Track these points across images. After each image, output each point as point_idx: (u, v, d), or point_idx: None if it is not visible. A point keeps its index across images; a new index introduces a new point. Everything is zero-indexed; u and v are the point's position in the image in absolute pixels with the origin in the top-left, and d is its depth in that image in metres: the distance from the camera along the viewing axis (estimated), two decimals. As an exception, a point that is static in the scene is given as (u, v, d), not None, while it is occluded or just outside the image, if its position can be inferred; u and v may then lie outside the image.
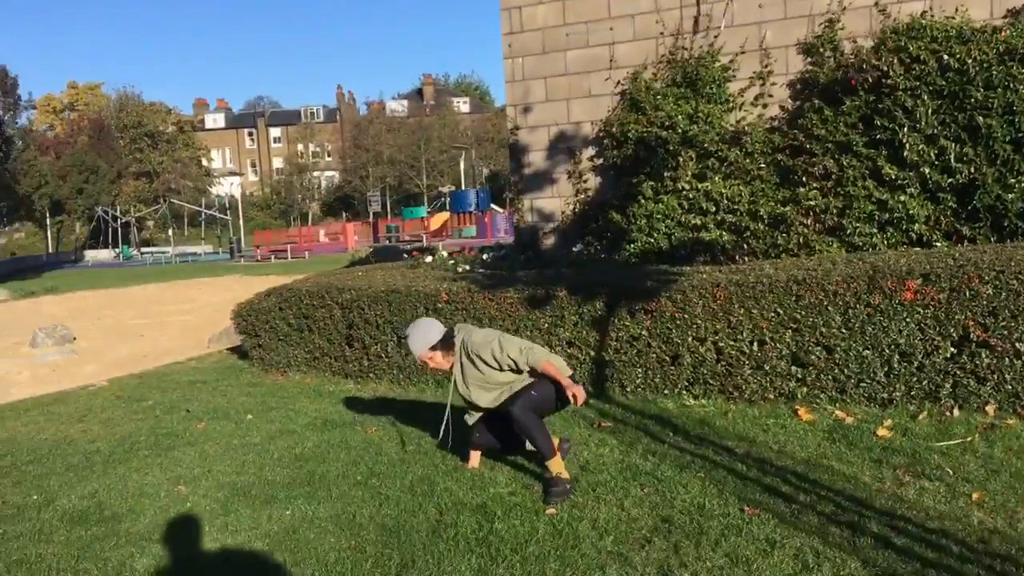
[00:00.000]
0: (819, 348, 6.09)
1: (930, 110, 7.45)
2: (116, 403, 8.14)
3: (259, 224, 72.28)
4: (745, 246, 8.27)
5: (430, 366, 5.30)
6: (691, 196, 8.55)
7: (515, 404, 4.91)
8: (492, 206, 54.49)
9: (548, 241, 9.94)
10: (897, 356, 5.86)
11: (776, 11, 8.67)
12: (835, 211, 7.86)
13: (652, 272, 7.25)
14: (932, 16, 7.91)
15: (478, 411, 5.30)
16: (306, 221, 77.42)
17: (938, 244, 7.31)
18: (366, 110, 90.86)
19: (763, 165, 8.35)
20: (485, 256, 9.85)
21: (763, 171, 8.34)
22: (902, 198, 7.47)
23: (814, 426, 5.68)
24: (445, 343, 5.16)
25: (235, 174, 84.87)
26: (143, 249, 62.12)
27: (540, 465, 4.95)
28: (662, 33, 9.16)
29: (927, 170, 7.43)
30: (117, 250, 62.92)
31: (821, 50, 8.38)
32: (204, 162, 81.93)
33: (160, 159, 75.87)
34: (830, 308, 6.00)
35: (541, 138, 9.95)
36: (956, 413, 5.62)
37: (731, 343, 6.35)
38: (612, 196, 9.33)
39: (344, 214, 76.74)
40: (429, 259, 9.64)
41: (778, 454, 5.17)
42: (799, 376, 6.19)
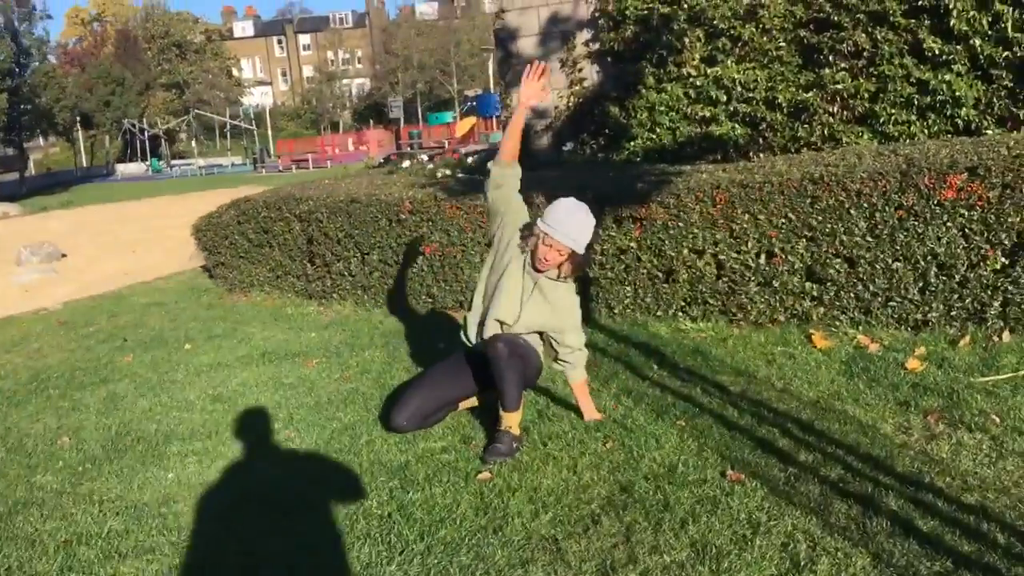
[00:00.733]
0: (839, 260, 5.03)
1: (984, -32, 6.15)
2: (56, 330, 7.35)
3: (291, 134, 71.20)
4: (761, 140, 7.12)
5: (547, 260, 3.92)
6: (699, 84, 7.37)
7: (511, 343, 3.99)
8: (514, 110, 52.50)
9: (540, 141, 8.83)
10: (934, 269, 4.78)
11: None
12: (866, 95, 6.64)
13: (644, 173, 6.17)
14: None
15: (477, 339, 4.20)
16: (337, 130, 76.10)
17: (989, 132, 6.11)
18: (396, 14, 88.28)
19: (782, 44, 7.10)
20: (470, 160, 8.79)
21: (782, 51, 7.10)
22: (947, 77, 6.23)
23: (830, 356, 4.67)
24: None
25: (265, 83, 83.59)
26: (172, 162, 61.45)
27: (493, 415, 4.02)
28: None
29: (978, 42, 6.16)
30: (147, 163, 62.40)
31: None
32: (234, 72, 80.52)
33: (189, 69, 74.55)
34: (853, 211, 4.91)
35: (531, 21, 8.73)
36: (1007, 338, 4.57)
37: (734, 256, 5.31)
38: (610, 87, 8.15)
39: (371, 121, 75.22)
40: (407, 164, 8.61)
41: (781, 394, 4.18)
42: (815, 294, 5.15)
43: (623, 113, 7.84)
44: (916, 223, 4.76)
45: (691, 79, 7.38)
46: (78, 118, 63.98)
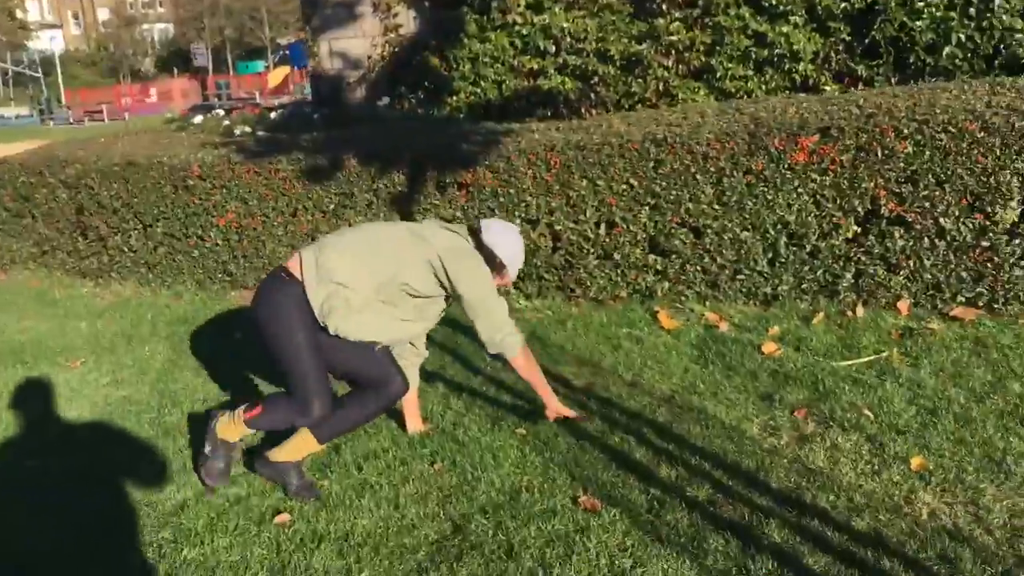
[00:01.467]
0: (684, 230, 4.58)
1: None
2: None
3: (85, 83, 65.61)
4: (593, 96, 6.60)
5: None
6: (525, 33, 6.75)
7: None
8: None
9: (355, 94, 7.98)
10: (784, 239, 4.41)
11: None
12: (702, 48, 6.23)
13: (470, 132, 5.51)
14: None
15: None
16: (139, 79, 70.89)
17: (827, 88, 5.83)
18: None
19: (614, -10, 6.58)
20: (273, 115, 7.83)
21: (614, -1, 6.57)
22: (785, 29, 5.88)
23: (679, 339, 4.21)
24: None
25: (54, 27, 76.62)
26: (-52, 113, 55.29)
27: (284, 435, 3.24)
28: None
29: (816, -8, 5.84)
30: (-83, 114, 55.89)
31: None
32: (18, 14, 73.22)
33: (-38, 9, 67.13)
34: (699, 177, 4.46)
35: (339, -42, 7.82)
36: (860, 312, 4.26)
37: (571, 226, 4.77)
38: (429, 35, 7.39)
39: (175, 70, 70.58)
40: (199, 120, 7.57)
41: (631, 389, 3.68)
42: (659, 268, 4.69)
43: (444, 64, 7.12)
44: (766, 189, 4.36)
45: (517, 27, 6.75)
46: None
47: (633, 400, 3.55)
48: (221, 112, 7.93)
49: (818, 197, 4.29)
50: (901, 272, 4.23)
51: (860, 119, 4.19)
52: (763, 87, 6.08)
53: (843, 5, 5.73)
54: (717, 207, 4.47)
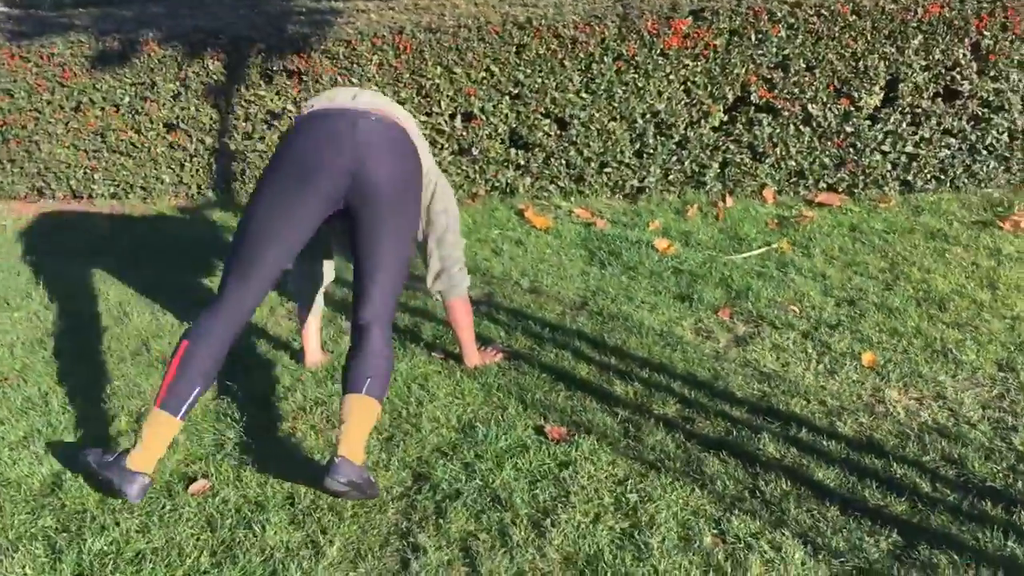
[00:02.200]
0: (549, 122, 4.28)
1: None
2: None
3: None
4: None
5: None
6: None
7: None
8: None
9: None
10: (653, 128, 4.24)
11: None
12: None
13: (293, 11, 4.81)
14: None
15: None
16: None
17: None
18: None
19: None
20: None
21: None
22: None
23: (561, 238, 3.97)
24: None
25: None
26: None
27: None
28: None
29: None
30: None
31: None
32: None
33: None
34: (567, 63, 4.15)
35: None
36: (730, 202, 4.21)
37: (423, 119, 4.31)
38: None
39: None
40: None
41: (536, 297, 3.39)
42: (521, 162, 4.37)
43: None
44: (637, 76, 4.14)
45: None
46: None
47: (545, 310, 3.27)
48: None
49: (689, 84, 4.14)
50: (767, 160, 4.21)
51: (733, 1, 4.03)
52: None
53: None
54: (585, 95, 4.20)
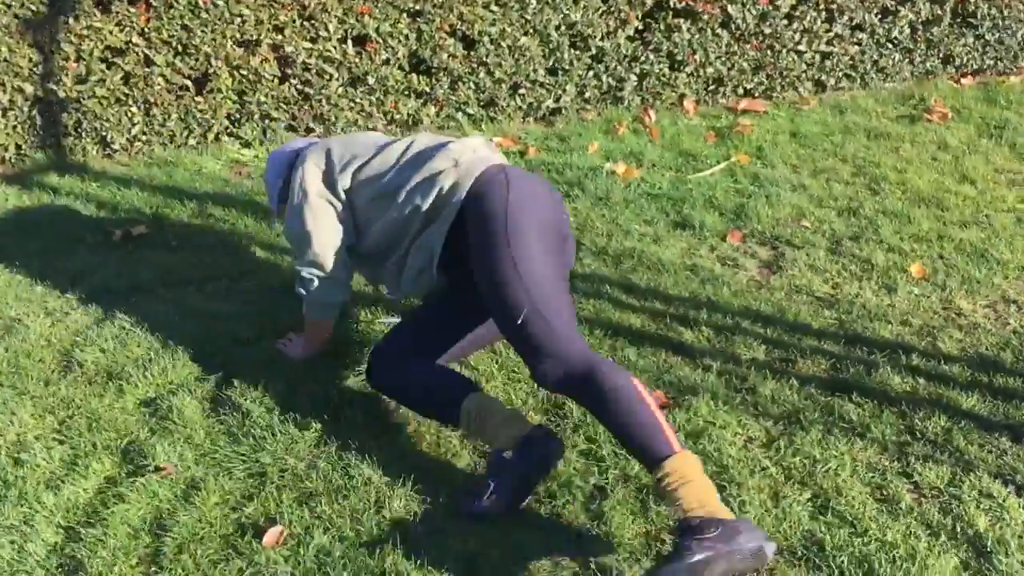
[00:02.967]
0: (454, 41, 3.77)
1: None
2: None
3: None
4: None
5: None
6: None
7: None
8: None
9: None
10: (567, 41, 3.85)
11: None
12: None
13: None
14: None
15: None
16: None
17: None
18: None
19: None
20: None
21: None
22: None
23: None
24: None
25: None
26: None
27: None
28: None
29: None
30: None
31: None
32: None
33: None
34: (474, -28, 3.64)
35: None
36: (653, 117, 3.94)
37: (307, 46, 3.65)
38: None
39: None
40: None
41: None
42: (424, 89, 3.84)
43: None
44: (550, -16, 3.72)
45: None
46: None
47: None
48: None
49: (606, -10, 3.78)
50: (686, 68, 3.98)
51: None
52: None
53: None
54: (495, 9, 3.72)
